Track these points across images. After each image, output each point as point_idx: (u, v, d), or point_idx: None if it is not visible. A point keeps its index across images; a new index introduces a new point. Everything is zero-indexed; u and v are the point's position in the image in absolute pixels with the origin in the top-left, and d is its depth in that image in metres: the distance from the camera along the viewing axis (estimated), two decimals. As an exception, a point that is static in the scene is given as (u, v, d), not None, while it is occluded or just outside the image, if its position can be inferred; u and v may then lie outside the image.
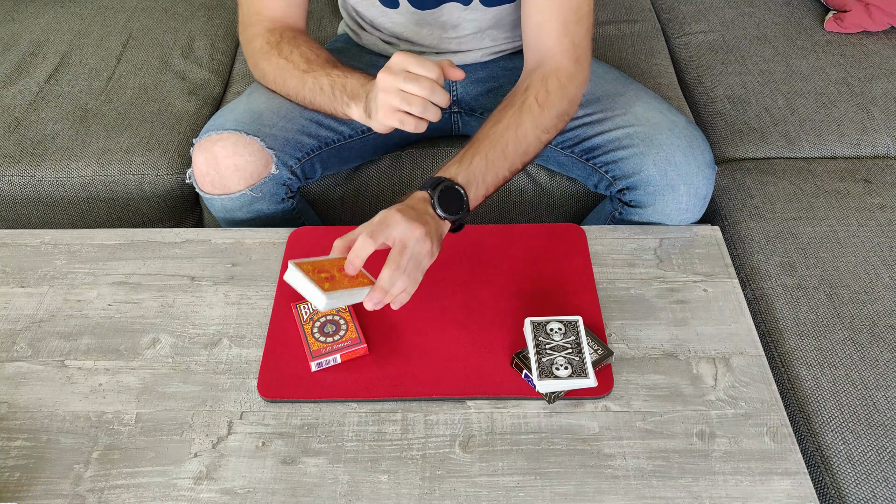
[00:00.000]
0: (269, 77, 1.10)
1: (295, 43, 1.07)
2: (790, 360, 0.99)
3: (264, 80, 1.12)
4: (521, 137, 0.97)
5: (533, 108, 0.98)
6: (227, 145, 1.03)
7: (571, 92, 1.02)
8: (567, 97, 1.01)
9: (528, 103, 0.98)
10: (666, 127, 1.05)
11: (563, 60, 1.02)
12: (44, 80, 1.43)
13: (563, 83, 1.01)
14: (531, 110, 0.98)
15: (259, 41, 1.09)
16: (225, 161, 1.03)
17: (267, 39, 1.08)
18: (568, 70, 1.02)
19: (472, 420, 0.83)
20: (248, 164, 1.03)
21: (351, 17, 1.26)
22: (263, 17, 1.10)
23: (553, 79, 1.00)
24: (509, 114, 0.98)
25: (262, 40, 1.09)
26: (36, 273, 1.01)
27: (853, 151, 1.32)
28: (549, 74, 1.01)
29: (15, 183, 1.28)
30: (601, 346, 0.87)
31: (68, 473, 0.79)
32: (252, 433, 0.83)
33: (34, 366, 0.90)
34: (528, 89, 1.00)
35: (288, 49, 1.06)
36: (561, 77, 1.01)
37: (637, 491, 0.77)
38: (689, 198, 1.03)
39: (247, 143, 1.03)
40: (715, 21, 1.61)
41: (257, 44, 1.09)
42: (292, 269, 0.82)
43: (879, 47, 1.49)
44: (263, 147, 1.04)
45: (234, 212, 1.08)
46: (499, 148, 0.95)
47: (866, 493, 0.85)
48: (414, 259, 0.83)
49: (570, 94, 1.02)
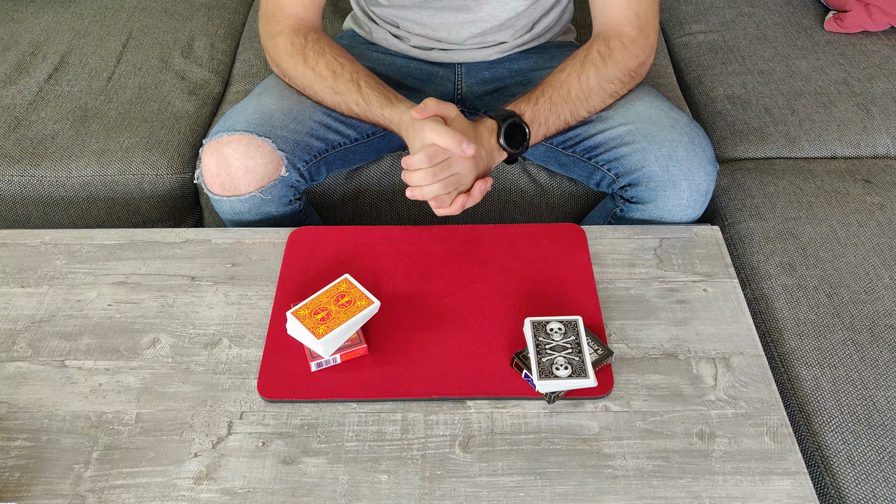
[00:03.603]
0: (296, 83, 1.12)
1: (319, 49, 1.08)
2: (790, 360, 0.99)
3: (289, 81, 1.13)
4: (584, 84, 1.06)
5: (596, 60, 1.06)
6: (238, 147, 1.03)
7: (635, 52, 1.09)
8: (631, 56, 1.08)
9: (591, 56, 1.07)
10: (668, 123, 1.05)
11: (626, 28, 1.09)
12: (44, 80, 1.43)
13: (625, 44, 1.08)
14: (594, 61, 1.06)
15: (282, 41, 1.10)
16: (236, 163, 1.03)
17: (291, 41, 1.09)
18: (630, 35, 1.09)
19: (472, 420, 0.83)
20: (258, 167, 1.03)
21: (363, 12, 1.27)
22: (286, 13, 1.11)
23: (616, 40, 1.08)
24: (572, 63, 1.07)
25: (286, 41, 1.10)
26: (36, 273, 1.01)
27: (853, 151, 1.32)
28: (612, 37, 1.09)
29: (15, 183, 1.28)
30: (601, 346, 0.87)
31: (68, 473, 0.79)
32: (252, 433, 0.83)
33: (34, 366, 0.90)
34: (590, 46, 1.09)
35: (314, 58, 1.08)
36: (623, 39, 1.08)
37: (637, 491, 0.77)
38: (691, 193, 1.04)
39: (258, 145, 1.03)
40: (715, 21, 1.61)
41: (280, 43, 1.10)
42: (290, 320, 0.87)
43: (879, 47, 1.49)
44: (275, 149, 1.04)
45: (243, 214, 1.08)
46: (562, 92, 1.05)
47: (866, 493, 0.85)
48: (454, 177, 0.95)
49: (635, 54, 1.09)
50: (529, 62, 1.24)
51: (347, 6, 1.55)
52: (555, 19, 1.25)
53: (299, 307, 0.88)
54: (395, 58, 1.25)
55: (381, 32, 1.25)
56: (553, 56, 1.24)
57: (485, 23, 1.18)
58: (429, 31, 1.20)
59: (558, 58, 1.23)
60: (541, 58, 1.25)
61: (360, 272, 0.98)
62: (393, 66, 1.24)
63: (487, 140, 1.01)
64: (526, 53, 1.26)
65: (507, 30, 1.21)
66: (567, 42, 1.32)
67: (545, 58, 1.24)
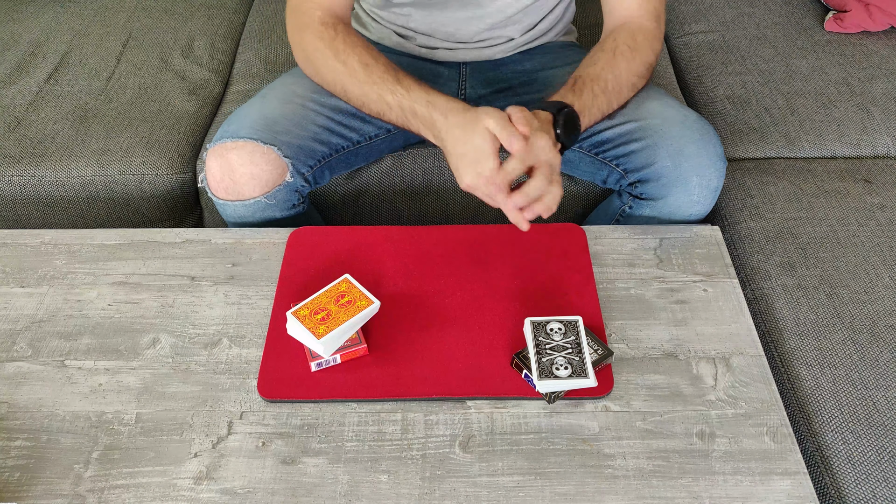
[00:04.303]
0: (326, 79, 1.07)
1: (350, 43, 1.04)
2: (790, 360, 0.99)
3: (319, 78, 1.09)
4: (618, 77, 1.04)
5: (626, 54, 1.05)
6: (242, 154, 1.03)
7: (655, 46, 1.09)
8: (652, 50, 1.08)
9: (621, 49, 1.05)
10: (678, 120, 1.06)
11: (646, 21, 1.09)
12: (44, 80, 1.44)
13: (648, 38, 1.08)
14: (624, 55, 1.05)
15: (311, 34, 1.06)
16: (241, 169, 1.03)
17: (320, 35, 1.06)
18: (651, 29, 1.09)
19: (472, 420, 0.83)
20: (263, 173, 1.03)
21: (365, 12, 1.27)
22: (315, 3, 1.07)
23: (640, 34, 1.08)
24: (604, 57, 1.04)
25: (314, 34, 1.06)
26: (36, 273, 1.01)
27: (853, 151, 1.32)
28: (636, 30, 1.08)
29: (15, 183, 1.28)
30: (601, 346, 0.87)
31: (68, 473, 0.79)
32: (252, 433, 0.83)
33: (34, 366, 0.90)
34: (616, 38, 1.07)
35: (344, 52, 1.04)
36: (646, 33, 1.08)
37: (637, 491, 0.77)
38: (701, 190, 1.04)
39: (263, 152, 1.03)
40: (715, 21, 1.61)
41: (308, 37, 1.07)
42: (290, 320, 0.87)
43: (879, 47, 1.49)
44: (280, 156, 1.04)
45: (247, 217, 1.08)
46: (601, 84, 1.02)
47: (866, 493, 0.85)
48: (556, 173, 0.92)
49: (656, 48, 1.09)
50: (534, 63, 1.24)
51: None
52: (558, 16, 1.25)
53: (299, 307, 0.88)
54: (399, 57, 1.25)
55: (384, 32, 1.25)
56: (557, 56, 1.24)
57: (492, 17, 1.18)
58: (437, 27, 1.20)
59: (561, 58, 1.24)
60: (545, 58, 1.25)
61: (360, 272, 0.98)
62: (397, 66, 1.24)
63: (548, 130, 0.95)
64: (530, 54, 1.26)
65: (513, 25, 1.21)
66: (569, 42, 1.32)
67: (549, 58, 1.24)
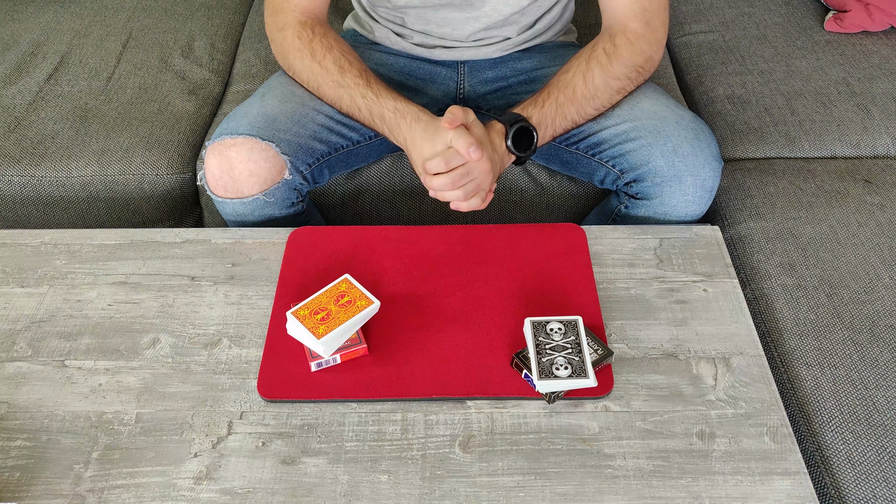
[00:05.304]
0: (302, 77, 1.12)
1: (326, 44, 1.08)
2: (790, 360, 0.99)
3: (295, 76, 1.13)
4: (589, 83, 1.05)
5: (601, 58, 1.06)
6: (241, 151, 1.03)
7: (641, 48, 1.08)
8: (637, 52, 1.08)
9: (597, 54, 1.07)
10: (673, 120, 1.06)
11: (632, 23, 1.09)
12: (44, 80, 1.43)
13: (630, 40, 1.08)
14: (599, 60, 1.06)
15: (290, 34, 1.10)
16: (240, 166, 1.03)
17: (298, 34, 1.10)
18: (636, 30, 1.08)
19: (472, 420, 0.83)
20: (262, 170, 1.04)
21: (365, 11, 1.27)
22: (293, 4, 1.11)
23: (621, 36, 1.08)
24: (577, 63, 1.07)
25: (293, 34, 1.10)
26: (36, 273, 1.01)
27: (853, 151, 1.32)
28: (617, 33, 1.08)
29: (15, 183, 1.28)
30: (601, 346, 0.87)
31: (68, 473, 0.79)
32: (252, 433, 0.83)
33: (34, 366, 0.90)
34: (596, 44, 1.09)
35: (321, 52, 1.08)
36: (629, 35, 1.08)
37: (637, 491, 0.77)
38: (696, 189, 1.04)
39: (262, 148, 1.03)
40: (715, 21, 1.61)
41: (288, 36, 1.11)
42: (290, 320, 0.87)
43: (879, 47, 1.49)
44: (279, 153, 1.04)
45: (246, 215, 1.08)
46: (567, 93, 1.05)
47: (866, 493, 0.85)
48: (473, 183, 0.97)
49: (641, 50, 1.08)
50: (532, 62, 1.24)
51: (348, 6, 1.55)
52: (556, 16, 1.25)
53: (299, 307, 0.88)
54: (397, 57, 1.25)
55: (383, 31, 1.25)
56: (555, 55, 1.24)
57: (488, 18, 1.18)
58: (433, 27, 1.20)
59: (560, 57, 1.24)
60: (543, 57, 1.25)
61: (360, 272, 0.98)
62: (395, 66, 1.24)
63: (499, 144, 1.01)
64: (528, 52, 1.26)
65: (510, 26, 1.21)
66: (568, 42, 1.32)
67: (548, 57, 1.24)
